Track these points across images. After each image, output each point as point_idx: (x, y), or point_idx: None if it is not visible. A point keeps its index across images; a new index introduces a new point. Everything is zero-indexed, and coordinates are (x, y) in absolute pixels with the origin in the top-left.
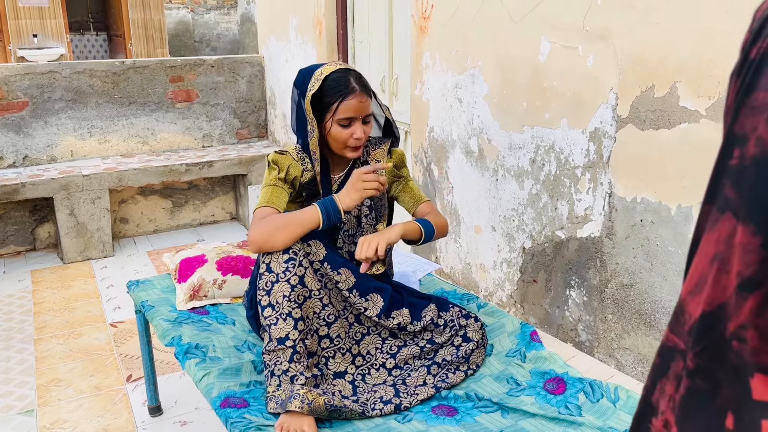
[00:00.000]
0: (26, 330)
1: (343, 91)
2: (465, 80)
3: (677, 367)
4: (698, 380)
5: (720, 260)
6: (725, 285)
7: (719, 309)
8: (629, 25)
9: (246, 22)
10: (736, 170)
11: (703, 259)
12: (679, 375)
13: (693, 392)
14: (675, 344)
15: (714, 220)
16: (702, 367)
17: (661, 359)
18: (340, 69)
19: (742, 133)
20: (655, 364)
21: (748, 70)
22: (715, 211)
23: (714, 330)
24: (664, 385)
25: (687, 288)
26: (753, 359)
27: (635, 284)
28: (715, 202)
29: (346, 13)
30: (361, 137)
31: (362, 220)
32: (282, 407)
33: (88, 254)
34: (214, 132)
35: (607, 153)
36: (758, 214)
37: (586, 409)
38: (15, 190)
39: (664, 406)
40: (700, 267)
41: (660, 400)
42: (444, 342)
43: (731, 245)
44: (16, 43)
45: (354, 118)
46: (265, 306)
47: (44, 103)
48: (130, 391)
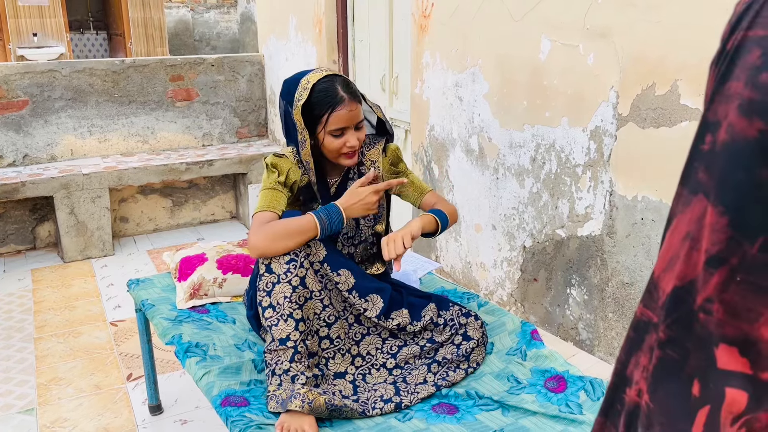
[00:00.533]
0: (26, 329)
1: (331, 102)
2: (465, 79)
3: (651, 340)
4: (668, 350)
5: (691, 239)
6: (695, 262)
7: (689, 284)
8: (630, 23)
9: (246, 21)
10: (707, 155)
11: (676, 237)
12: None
13: (664, 362)
14: (649, 318)
15: (686, 201)
16: (672, 338)
17: (636, 333)
18: (327, 76)
19: (715, 119)
20: (630, 337)
21: (724, 60)
22: (687, 193)
23: (684, 303)
24: (638, 357)
25: (660, 265)
26: (718, 331)
27: (636, 283)
28: (687, 185)
29: (346, 12)
30: (354, 145)
31: (360, 222)
32: (282, 407)
33: (88, 253)
34: (214, 131)
35: (608, 151)
36: (726, 195)
37: (586, 408)
38: (15, 189)
39: (638, 376)
40: (673, 245)
41: (634, 371)
42: (444, 341)
43: (701, 225)
44: (15, 42)
45: (346, 127)
46: (266, 307)
47: (44, 102)
48: (131, 390)
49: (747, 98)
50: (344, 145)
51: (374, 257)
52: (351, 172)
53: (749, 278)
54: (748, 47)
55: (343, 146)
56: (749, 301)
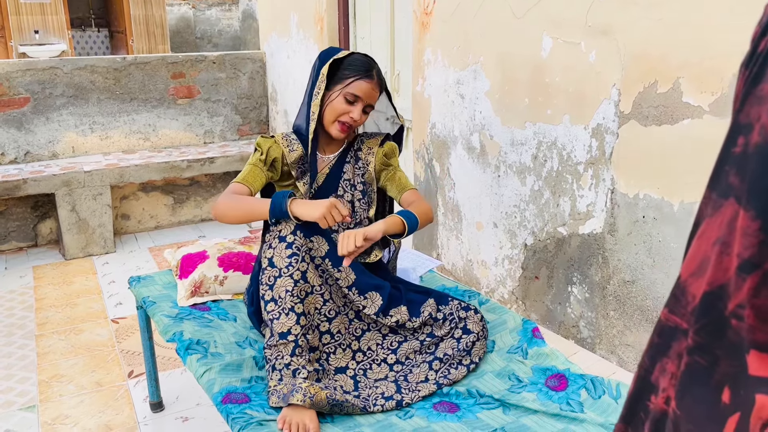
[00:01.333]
0: (28, 326)
1: (363, 71)
2: (466, 76)
3: (679, 346)
4: (697, 357)
5: (722, 243)
6: (726, 266)
7: (720, 289)
8: (631, 20)
9: (247, 19)
10: (739, 158)
11: (706, 242)
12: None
13: (692, 368)
14: (677, 324)
15: (717, 205)
16: (701, 344)
17: (661, 338)
18: (366, 57)
19: (747, 121)
20: (654, 343)
21: (755, 62)
22: (717, 197)
23: (714, 309)
24: (665, 364)
25: (688, 270)
26: (749, 336)
27: (637, 281)
28: (717, 188)
29: (347, 9)
30: (356, 119)
31: (355, 205)
32: (284, 401)
33: (89, 250)
34: (215, 128)
35: (610, 149)
36: (758, 199)
37: (587, 406)
38: (17, 186)
39: (666, 383)
40: (703, 249)
41: (660, 378)
42: (444, 335)
43: (733, 229)
44: (17, 39)
45: (360, 98)
46: (268, 300)
47: (45, 99)
48: (132, 387)
49: None
50: (347, 113)
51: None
52: (348, 156)
53: None
54: None
55: (345, 113)
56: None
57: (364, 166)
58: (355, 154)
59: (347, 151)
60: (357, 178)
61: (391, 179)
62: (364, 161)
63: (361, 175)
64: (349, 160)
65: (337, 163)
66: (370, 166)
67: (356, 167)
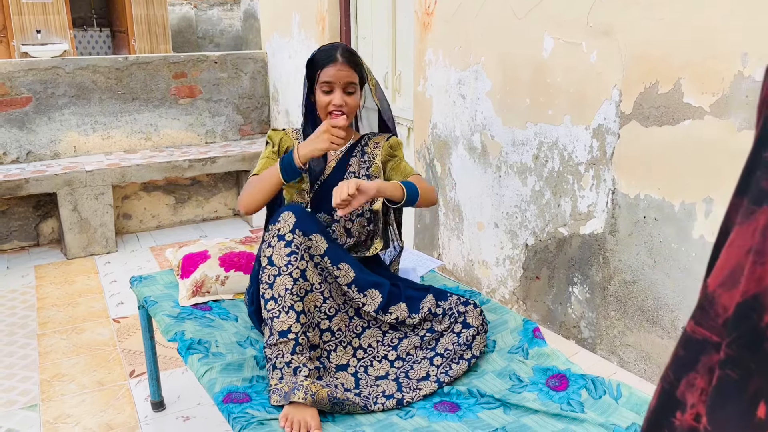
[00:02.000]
0: (29, 325)
1: (325, 60)
2: (468, 76)
3: (709, 360)
4: (729, 370)
5: (756, 252)
6: (760, 276)
7: (754, 300)
8: (633, 20)
9: (249, 18)
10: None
11: (737, 251)
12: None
13: (724, 382)
14: (705, 337)
15: (748, 212)
16: (734, 358)
17: (687, 351)
18: (332, 44)
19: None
20: (679, 356)
21: None
22: (748, 203)
23: (748, 320)
24: (692, 378)
25: (716, 280)
26: None
27: (638, 281)
28: (748, 195)
29: (349, 9)
30: (339, 104)
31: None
32: (285, 399)
33: (91, 250)
34: (217, 128)
35: (611, 149)
36: None
37: (588, 406)
38: (18, 186)
39: (695, 399)
40: (734, 259)
41: (687, 393)
42: (444, 330)
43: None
44: (19, 38)
45: (332, 83)
46: (268, 299)
47: (47, 99)
48: (133, 387)
49: None
50: (330, 103)
51: (371, 234)
52: (354, 150)
53: None
54: None
55: (329, 104)
56: None
57: (370, 160)
58: (361, 149)
59: (354, 147)
60: (362, 171)
61: (396, 168)
62: (371, 155)
63: (366, 168)
64: (356, 154)
65: (343, 158)
66: (377, 159)
67: (362, 161)
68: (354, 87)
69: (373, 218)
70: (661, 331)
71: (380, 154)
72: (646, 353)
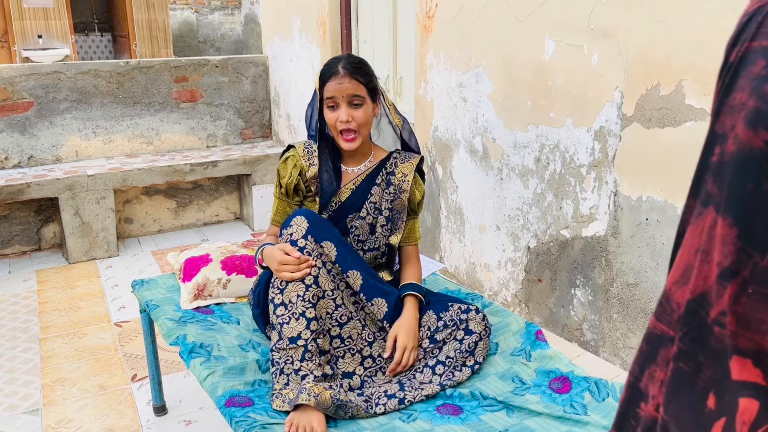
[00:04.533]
0: (31, 329)
1: (327, 73)
2: (469, 79)
3: (666, 353)
4: (682, 363)
5: (703, 251)
6: (707, 274)
7: (702, 297)
8: (634, 23)
9: (250, 23)
10: (716, 166)
11: (688, 250)
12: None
13: (677, 375)
14: (663, 332)
15: (697, 213)
16: (686, 351)
17: (649, 346)
18: (339, 56)
19: (722, 131)
20: (642, 350)
21: (728, 72)
22: (698, 205)
23: (697, 317)
24: (653, 371)
25: (672, 278)
26: (731, 342)
27: (641, 283)
28: (698, 197)
29: (350, 13)
30: (345, 120)
31: (377, 230)
32: (290, 405)
33: (92, 254)
34: (218, 132)
35: (613, 151)
36: (735, 207)
37: (591, 408)
38: (20, 190)
39: (655, 390)
40: (685, 258)
41: (649, 385)
42: (446, 337)
43: (712, 237)
44: (21, 43)
45: (335, 98)
46: (278, 304)
47: (49, 104)
48: (135, 391)
49: (752, 109)
50: (336, 120)
51: (382, 266)
52: (378, 177)
53: (761, 289)
54: (752, 58)
55: (336, 121)
56: (761, 312)
57: (396, 193)
58: (387, 178)
59: (378, 172)
60: (385, 203)
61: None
62: (397, 187)
63: (390, 201)
64: (380, 182)
65: (365, 183)
66: (404, 195)
67: (386, 192)
68: (360, 99)
69: (387, 251)
70: None
71: (408, 190)
72: None
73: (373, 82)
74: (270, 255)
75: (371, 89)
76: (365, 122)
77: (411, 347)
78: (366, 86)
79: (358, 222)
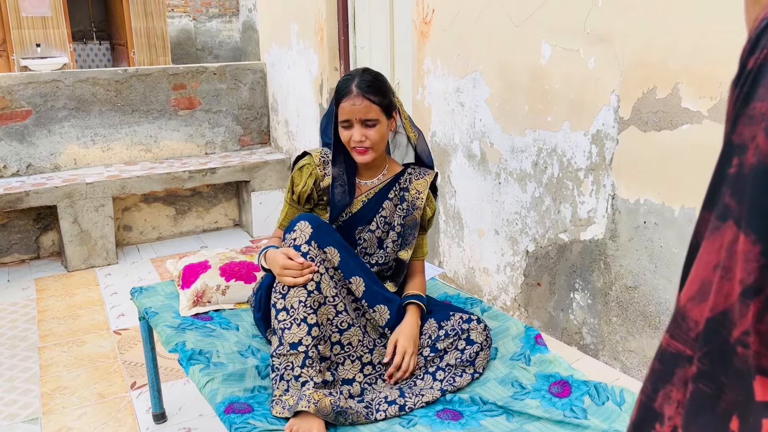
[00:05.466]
0: (30, 338)
1: (340, 93)
2: (466, 84)
3: (683, 373)
4: (702, 384)
5: (723, 268)
6: (728, 292)
7: (723, 315)
8: (630, 26)
9: (248, 30)
10: (734, 178)
11: (705, 266)
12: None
13: (697, 396)
14: (679, 351)
15: (714, 227)
16: (706, 372)
17: (663, 365)
18: (355, 71)
19: (741, 141)
20: (655, 369)
21: (746, 80)
22: (714, 219)
23: (718, 336)
24: (668, 391)
25: (687, 294)
26: (755, 362)
27: (639, 286)
28: (714, 209)
29: (347, 19)
30: (359, 140)
31: (386, 245)
32: (290, 411)
33: (91, 262)
34: (216, 139)
35: (610, 155)
36: (757, 222)
37: (591, 412)
38: (19, 199)
39: (671, 411)
40: (702, 274)
41: (665, 405)
42: (447, 347)
43: (733, 253)
44: (19, 52)
45: (349, 120)
46: (280, 309)
47: (47, 112)
48: (135, 398)
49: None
50: (350, 139)
51: (386, 279)
52: (391, 192)
53: None
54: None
55: (349, 140)
56: None
57: (410, 210)
58: (400, 194)
59: (391, 187)
60: (397, 219)
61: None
62: (410, 204)
63: (402, 216)
64: (392, 197)
65: (377, 196)
66: (417, 212)
67: (399, 207)
68: (374, 121)
69: (394, 266)
70: None
71: (422, 207)
72: (648, 359)
73: (387, 98)
74: (273, 258)
75: (386, 107)
76: (379, 140)
77: (411, 352)
78: (380, 105)
79: (367, 235)
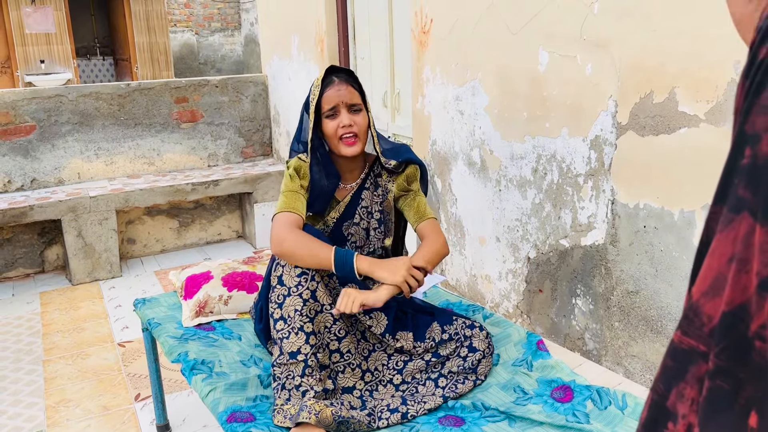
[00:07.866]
0: (35, 351)
1: (323, 86)
2: (465, 92)
3: (697, 370)
4: (719, 381)
5: (738, 260)
6: (745, 285)
7: (739, 309)
8: (627, 32)
9: (250, 43)
10: (748, 169)
11: (719, 259)
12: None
13: (714, 393)
14: (692, 347)
15: (727, 220)
16: (723, 368)
17: (675, 362)
18: (325, 71)
19: (753, 132)
20: (668, 366)
21: (757, 70)
22: (727, 212)
23: (735, 330)
24: (682, 389)
25: (700, 289)
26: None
27: (641, 291)
28: (726, 202)
29: (347, 31)
30: (348, 124)
31: (370, 234)
32: (292, 421)
33: (96, 275)
34: (219, 151)
35: (609, 160)
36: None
37: (594, 417)
38: (23, 213)
39: (685, 409)
40: (716, 267)
41: (678, 404)
42: (449, 354)
43: (749, 245)
44: (23, 69)
45: (335, 106)
46: (277, 319)
47: (51, 127)
48: (139, 410)
49: None
50: (339, 127)
51: None
52: (367, 182)
53: None
54: None
55: (338, 128)
56: None
57: (383, 194)
58: (374, 180)
59: (367, 177)
60: (375, 206)
61: (410, 205)
62: (384, 188)
63: (379, 203)
64: (369, 186)
65: (357, 191)
66: (390, 194)
67: (375, 194)
68: (359, 106)
69: (384, 255)
70: (666, 341)
71: (393, 189)
72: (651, 363)
73: (363, 91)
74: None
75: (364, 97)
76: (365, 128)
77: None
78: (361, 93)
79: (354, 228)
